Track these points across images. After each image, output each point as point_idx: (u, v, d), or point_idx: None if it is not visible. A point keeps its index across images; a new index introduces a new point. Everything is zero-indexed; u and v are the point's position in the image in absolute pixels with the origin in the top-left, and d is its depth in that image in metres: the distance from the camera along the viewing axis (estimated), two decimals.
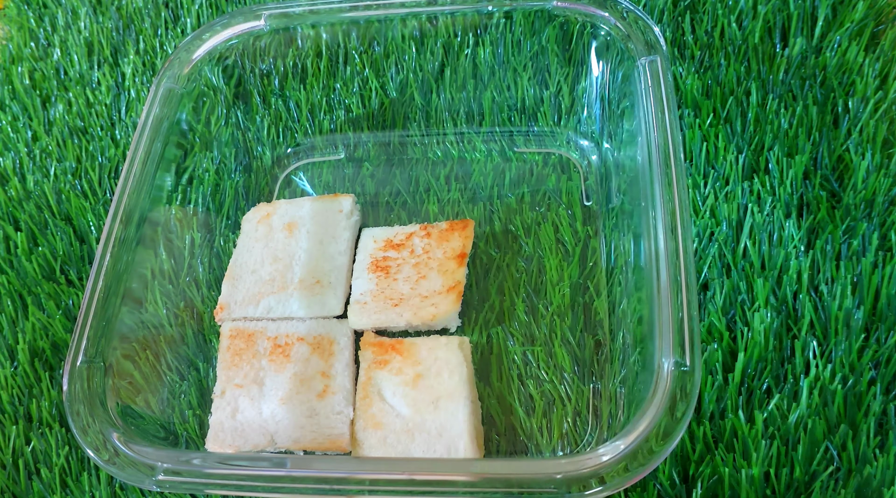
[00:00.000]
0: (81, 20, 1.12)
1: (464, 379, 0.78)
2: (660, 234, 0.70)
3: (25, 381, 0.84)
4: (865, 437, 0.68)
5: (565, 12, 0.89)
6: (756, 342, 0.74)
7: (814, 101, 0.88)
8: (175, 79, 0.90)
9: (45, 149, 1.01)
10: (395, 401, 0.78)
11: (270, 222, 0.92)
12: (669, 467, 0.70)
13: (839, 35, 0.91)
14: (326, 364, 0.82)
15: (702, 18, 0.96)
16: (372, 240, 0.91)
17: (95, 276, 0.77)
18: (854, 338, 0.73)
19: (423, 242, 0.88)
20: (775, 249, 0.79)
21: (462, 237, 0.88)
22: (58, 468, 0.77)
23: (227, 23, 0.93)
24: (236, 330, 0.85)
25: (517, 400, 0.80)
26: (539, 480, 0.59)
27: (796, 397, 0.71)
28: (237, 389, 0.81)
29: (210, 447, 0.79)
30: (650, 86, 0.79)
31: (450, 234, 0.88)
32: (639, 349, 0.71)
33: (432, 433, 0.76)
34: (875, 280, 0.75)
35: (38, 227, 0.94)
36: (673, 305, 0.66)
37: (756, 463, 0.68)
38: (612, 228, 0.85)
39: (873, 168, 0.82)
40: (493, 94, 0.97)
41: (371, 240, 0.91)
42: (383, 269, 0.87)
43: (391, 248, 0.89)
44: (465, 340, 0.82)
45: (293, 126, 1.01)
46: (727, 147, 0.86)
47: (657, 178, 0.73)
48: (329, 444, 0.77)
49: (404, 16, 0.92)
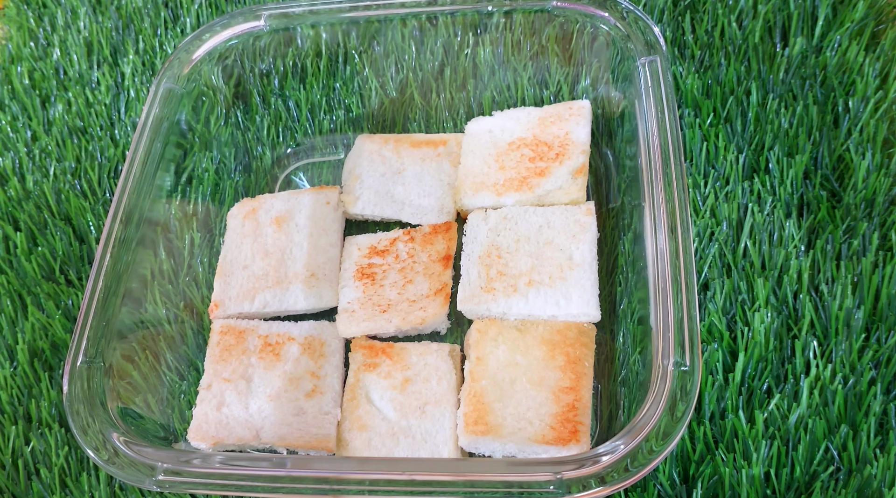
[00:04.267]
0: (81, 20, 1.12)
1: (452, 386, 0.78)
2: (660, 234, 0.70)
3: (25, 381, 0.83)
4: (866, 437, 0.68)
5: (565, 12, 0.89)
6: (756, 342, 0.74)
7: (814, 100, 0.88)
8: (175, 79, 0.90)
9: (45, 149, 1.01)
10: (383, 404, 0.78)
11: (257, 217, 0.92)
12: (670, 467, 0.70)
13: (839, 35, 0.91)
14: (316, 365, 0.82)
15: (702, 18, 0.96)
16: (356, 248, 0.91)
17: (95, 276, 0.77)
18: (854, 338, 0.73)
19: (408, 247, 0.88)
20: (775, 248, 0.79)
21: (446, 239, 0.88)
22: (57, 468, 0.77)
23: (227, 23, 0.93)
24: (227, 326, 0.85)
25: None
26: (539, 480, 0.59)
27: (797, 397, 0.71)
28: (224, 383, 0.81)
29: (192, 438, 0.79)
30: (650, 86, 0.79)
31: (433, 238, 0.88)
32: (639, 349, 0.71)
33: (417, 438, 0.76)
34: (875, 280, 0.75)
35: (37, 227, 0.94)
36: (673, 304, 0.66)
37: (756, 463, 0.68)
38: (612, 228, 0.85)
39: (873, 168, 0.82)
40: (493, 93, 0.97)
41: (355, 248, 0.91)
42: (369, 276, 0.87)
43: (376, 254, 0.89)
44: (456, 347, 0.82)
45: (293, 126, 1.01)
46: (727, 147, 0.86)
47: (657, 177, 0.73)
48: (315, 443, 0.77)
49: (404, 16, 0.92)
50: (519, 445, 0.72)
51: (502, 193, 0.88)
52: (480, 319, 0.81)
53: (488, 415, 0.74)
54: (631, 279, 0.77)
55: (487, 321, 0.80)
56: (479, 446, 0.74)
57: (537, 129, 0.91)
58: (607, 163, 0.91)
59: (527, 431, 0.72)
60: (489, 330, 0.79)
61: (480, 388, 0.76)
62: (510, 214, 0.86)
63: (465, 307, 0.82)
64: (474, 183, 0.90)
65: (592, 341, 0.78)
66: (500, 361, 0.77)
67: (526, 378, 0.75)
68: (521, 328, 0.79)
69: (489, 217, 0.87)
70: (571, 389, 0.74)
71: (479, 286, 0.82)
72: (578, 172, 0.86)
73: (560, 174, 0.87)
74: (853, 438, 0.69)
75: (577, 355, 0.77)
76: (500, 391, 0.75)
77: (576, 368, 0.76)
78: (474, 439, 0.73)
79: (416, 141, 0.96)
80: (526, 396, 0.75)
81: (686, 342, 0.64)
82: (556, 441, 0.71)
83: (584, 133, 0.89)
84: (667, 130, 0.75)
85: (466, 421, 0.74)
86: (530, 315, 0.80)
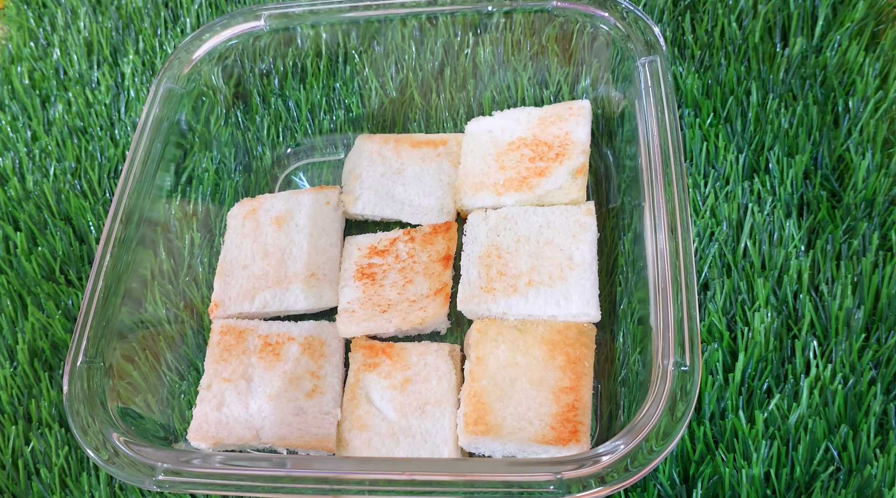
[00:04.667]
0: (81, 20, 1.12)
1: (452, 386, 0.78)
2: (660, 234, 0.70)
3: (25, 381, 0.83)
4: (866, 437, 0.68)
5: (565, 12, 0.89)
6: (756, 342, 0.74)
7: (814, 100, 0.88)
8: (175, 79, 0.90)
9: (45, 149, 1.01)
10: (382, 404, 0.78)
11: (257, 217, 0.92)
12: (670, 467, 0.70)
13: (839, 34, 0.91)
14: (316, 365, 0.82)
15: (702, 18, 0.96)
16: (356, 248, 0.91)
17: (95, 276, 0.77)
18: (854, 338, 0.73)
19: (408, 247, 0.88)
20: (775, 248, 0.79)
21: (446, 239, 0.88)
22: (57, 468, 0.77)
23: (227, 23, 0.93)
24: (227, 326, 0.86)
25: None
26: (539, 480, 0.59)
27: (797, 397, 0.71)
28: (224, 383, 0.81)
29: (192, 438, 0.79)
30: (650, 86, 0.79)
31: (433, 238, 0.88)
32: (639, 349, 0.71)
33: (417, 438, 0.76)
34: (875, 280, 0.75)
35: (37, 227, 0.94)
36: (673, 304, 0.66)
37: (756, 463, 0.68)
38: (612, 228, 0.85)
39: (873, 168, 0.82)
40: (493, 94, 0.97)
41: (355, 248, 0.91)
42: (369, 276, 0.87)
43: (376, 254, 0.89)
44: (456, 347, 0.82)
45: (293, 126, 1.01)
46: (727, 147, 0.86)
47: (657, 177, 0.73)
48: (315, 443, 0.77)
49: (404, 16, 0.92)
50: (519, 445, 0.72)
51: (502, 193, 0.88)
52: (480, 319, 0.81)
53: (488, 415, 0.74)
54: (631, 279, 0.77)
55: (487, 321, 0.80)
56: (479, 446, 0.74)
57: (537, 129, 0.91)
58: (607, 163, 0.91)
59: (527, 431, 0.72)
60: (489, 330, 0.79)
61: (480, 388, 0.75)
62: (510, 214, 0.86)
63: (464, 307, 0.82)
64: (474, 183, 0.89)
65: (592, 341, 0.78)
66: (500, 361, 0.77)
67: (526, 378, 0.75)
68: (521, 328, 0.79)
69: (489, 217, 0.87)
70: (571, 389, 0.74)
71: (479, 286, 0.82)
72: (578, 172, 0.86)
73: (560, 174, 0.87)
74: (853, 438, 0.69)
75: (577, 355, 0.76)
76: (499, 391, 0.75)
77: (576, 368, 0.76)
78: (474, 439, 0.73)
79: (417, 141, 0.96)
80: (526, 396, 0.75)
81: (686, 342, 0.64)
82: (556, 441, 0.71)
83: (583, 133, 0.89)
84: (667, 130, 0.75)
85: (466, 421, 0.74)
86: (530, 315, 0.80)
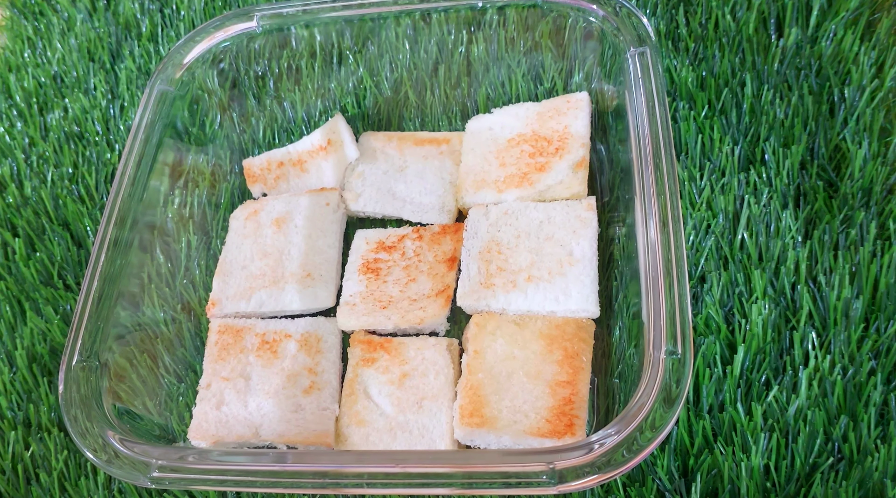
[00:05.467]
0: (77, 26, 1.12)
1: (450, 381, 0.78)
2: (650, 226, 0.69)
3: (24, 386, 0.84)
4: (866, 427, 0.68)
5: (557, 7, 0.89)
6: (754, 334, 0.73)
7: (809, 90, 0.87)
8: (168, 81, 0.91)
9: (42, 155, 1.01)
10: (381, 399, 0.78)
11: (258, 219, 0.92)
12: (668, 461, 0.69)
13: (834, 24, 0.91)
14: (313, 361, 0.82)
15: (696, 10, 0.96)
16: (364, 241, 0.91)
17: (90, 277, 0.77)
18: (853, 328, 0.72)
19: (415, 245, 0.88)
20: (773, 240, 0.79)
21: (454, 240, 0.87)
22: (56, 473, 0.77)
23: (220, 25, 0.93)
24: (225, 325, 0.86)
25: None
26: (533, 470, 0.59)
27: (795, 389, 0.71)
28: (223, 382, 0.81)
29: (192, 437, 0.79)
30: (640, 77, 0.78)
31: (441, 238, 0.88)
32: (634, 343, 0.71)
33: (414, 433, 0.76)
34: (873, 269, 0.75)
35: (35, 232, 0.95)
36: (665, 295, 0.65)
37: (756, 455, 0.67)
38: (607, 223, 0.85)
39: (870, 157, 0.81)
40: (488, 90, 0.97)
41: (363, 241, 0.91)
42: (374, 270, 0.87)
43: (383, 249, 0.89)
44: (454, 342, 0.82)
45: (289, 127, 1.01)
46: (723, 139, 0.86)
47: (647, 169, 0.72)
48: (314, 439, 0.77)
49: (397, 14, 0.92)
50: (514, 438, 0.72)
51: (503, 190, 0.88)
52: (479, 313, 0.81)
53: (484, 407, 0.73)
54: (626, 274, 0.76)
55: (486, 315, 0.80)
56: (475, 439, 0.74)
57: (536, 124, 0.91)
58: (601, 157, 0.90)
59: (522, 424, 0.72)
60: (487, 323, 0.79)
61: (477, 380, 0.75)
62: (511, 210, 0.86)
63: (464, 303, 0.81)
64: (475, 181, 0.89)
65: (591, 336, 0.78)
66: (498, 355, 0.77)
67: (523, 372, 0.75)
68: (520, 322, 0.79)
69: (490, 212, 0.87)
70: (568, 383, 0.74)
71: (479, 282, 0.82)
72: (579, 166, 0.86)
73: (560, 169, 0.87)
74: (853, 428, 0.68)
75: (575, 350, 0.76)
76: (496, 384, 0.75)
77: (573, 362, 0.75)
78: (470, 432, 0.73)
79: (420, 139, 0.96)
80: (522, 390, 0.74)
81: (678, 331, 0.63)
82: (552, 434, 0.71)
83: (582, 126, 0.88)
84: (657, 121, 0.75)
85: (462, 413, 0.74)
86: (529, 311, 0.80)
